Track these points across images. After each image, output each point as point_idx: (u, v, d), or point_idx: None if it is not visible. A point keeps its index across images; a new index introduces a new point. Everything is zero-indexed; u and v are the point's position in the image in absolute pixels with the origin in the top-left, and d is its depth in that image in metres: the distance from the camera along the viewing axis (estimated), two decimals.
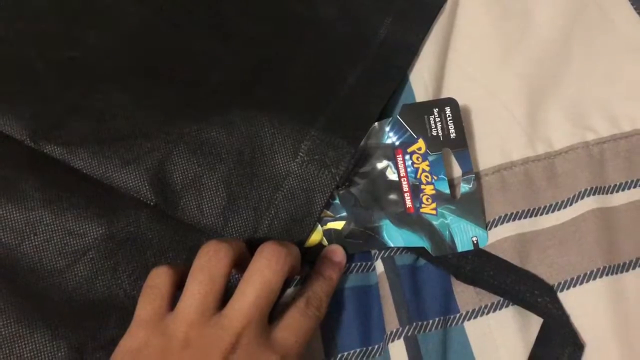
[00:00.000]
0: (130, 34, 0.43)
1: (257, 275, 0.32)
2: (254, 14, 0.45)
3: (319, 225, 0.38)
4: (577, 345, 0.36)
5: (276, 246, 0.33)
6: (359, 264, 0.39)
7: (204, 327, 0.30)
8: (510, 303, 0.37)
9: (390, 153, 0.40)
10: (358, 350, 0.36)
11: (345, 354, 0.36)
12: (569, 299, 0.37)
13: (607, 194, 0.40)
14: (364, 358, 0.36)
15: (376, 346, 0.37)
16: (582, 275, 0.37)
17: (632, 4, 0.47)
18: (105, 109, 0.39)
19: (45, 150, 0.38)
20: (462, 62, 0.45)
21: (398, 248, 0.38)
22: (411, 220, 0.38)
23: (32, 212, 0.37)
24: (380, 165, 0.40)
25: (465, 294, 0.38)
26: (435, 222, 0.38)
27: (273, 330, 0.32)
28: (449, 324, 0.37)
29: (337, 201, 0.39)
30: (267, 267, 0.32)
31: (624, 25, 0.46)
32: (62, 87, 0.40)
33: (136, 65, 0.41)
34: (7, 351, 0.34)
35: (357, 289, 0.38)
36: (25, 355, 0.34)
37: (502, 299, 0.37)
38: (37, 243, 0.36)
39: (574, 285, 0.37)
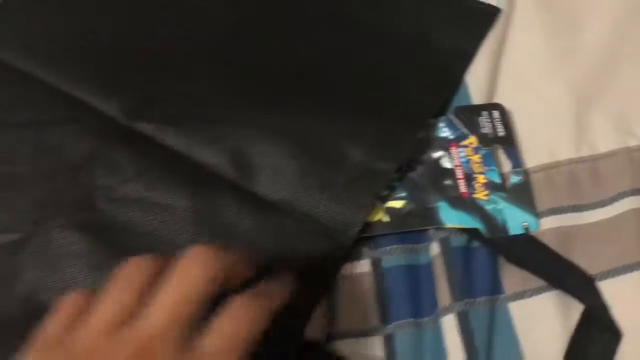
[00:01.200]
0: (218, 33, 0.48)
1: (174, 281, 0.29)
2: (328, 19, 0.50)
3: (381, 203, 0.41)
4: (616, 333, 0.38)
5: (200, 251, 0.30)
6: (410, 246, 0.42)
7: (112, 336, 0.28)
8: (553, 288, 0.40)
9: (445, 145, 0.44)
10: (410, 320, 0.39)
11: (399, 322, 0.39)
12: (607, 289, 0.39)
13: None
14: (415, 327, 0.39)
15: (426, 318, 0.39)
16: (620, 267, 0.40)
17: None
18: (193, 94, 0.44)
19: (137, 128, 0.43)
20: (515, 68, 0.48)
21: (452, 230, 0.41)
22: (465, 204, 0.41)
23: (125, 184, 0.41)
24: (435, 154, 0.43)
25: (511, 277, 0.40)
26: (487, 207, 0.41)
27: (199, 337, 0.29)
28: (495, 303, 0.40)
29: (397, 183, 0.42)
30: (187, 272, 0.29)
31: None
32: (155, 74, 0.45)
33: (222, 59, 0.46)
34: None
35: (409, 267, 0.41)
36: None
37: (545, 283, 0.40)
38: (130, 212, 0.40)
39: (613, 276, 0.40)
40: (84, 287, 0.38)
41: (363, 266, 0.41)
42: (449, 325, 0.38)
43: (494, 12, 0.50)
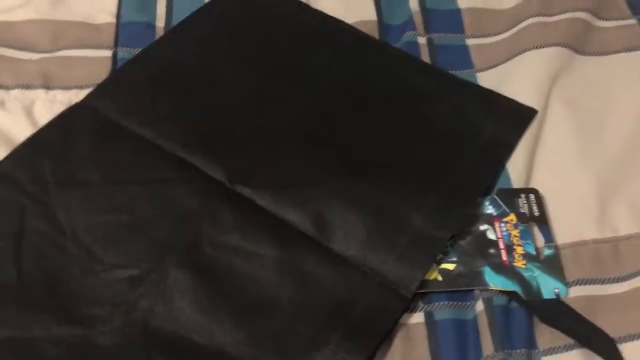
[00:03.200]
0: (309, 118, 0.59)
1: None
2: (396, 111, 0.60)
3: (436, 265, 0.50)
4: None
5: None
6: (460, 303, 0.50)
7: None
8: (579, 346, 0.47)
9: (490, 220, 0.52)
10: None
11: None
12: (627, 350, 0.47)
13: None
14: None
15: None
16: (638, 333, 0.47)
17: None
18: (284, 165, 0.54)
19: (238, 191, 0.53)
20: (548, 159, 0.57)
21: (495, 292, 0.49)
22: (506, 270, 0.49)
23: (227, 235, 0.50)
24: (482, 227, 0.52)
25: (544, 335, 0.48)
26: (525, 274, 0.49)
27: None
28: (531, 356, 0.47)
29: (450, 249, 0.50)
30: None
31: None
32: (255, 148, 0.56)
33: (309, 138, 0.57)
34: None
35: (457, 321, 0.49)
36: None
37: (573, 341, 0.47)
38: (229, 257, 0.49)
39: (632, 340, 0.47)
40: (189, 317, 0.46)
41: (418, 317, 0.49)
42: None
43: (531, 112, 0.59)
